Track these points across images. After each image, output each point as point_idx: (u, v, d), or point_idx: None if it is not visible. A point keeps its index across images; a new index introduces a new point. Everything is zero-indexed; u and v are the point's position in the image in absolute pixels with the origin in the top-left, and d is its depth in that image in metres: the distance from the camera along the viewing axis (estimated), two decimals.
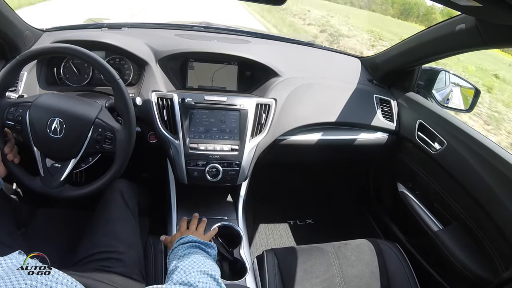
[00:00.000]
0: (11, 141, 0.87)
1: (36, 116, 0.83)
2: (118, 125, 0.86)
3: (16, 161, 0.86)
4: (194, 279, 0.59)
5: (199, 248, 0.75)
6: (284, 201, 1.74)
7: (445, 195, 1.11)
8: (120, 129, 0.85)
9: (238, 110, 1.07)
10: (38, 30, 1.16)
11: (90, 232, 0.87)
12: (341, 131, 1.23)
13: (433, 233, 1.11)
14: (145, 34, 1.21)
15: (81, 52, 0.82)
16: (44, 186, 0.85)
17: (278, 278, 0.93)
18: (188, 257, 0.69)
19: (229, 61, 1.16)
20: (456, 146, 1.04)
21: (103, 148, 0.85)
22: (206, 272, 0.63)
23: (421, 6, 20.94)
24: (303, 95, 1.16)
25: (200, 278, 0.61)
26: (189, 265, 0.65)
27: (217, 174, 1.03)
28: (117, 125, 0.86)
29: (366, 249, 1.03)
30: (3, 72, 0.82)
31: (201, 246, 0.76)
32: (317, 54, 1.44)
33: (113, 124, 0.85)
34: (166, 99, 1.04)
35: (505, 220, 0.90)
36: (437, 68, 1.28)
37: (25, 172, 0.87)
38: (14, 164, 0.86)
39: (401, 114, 1.27)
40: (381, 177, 1.55)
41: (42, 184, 0.85)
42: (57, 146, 0.83)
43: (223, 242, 1.00)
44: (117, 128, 0.85)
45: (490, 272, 0.96)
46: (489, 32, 0.81)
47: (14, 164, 0.86)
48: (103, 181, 0.86)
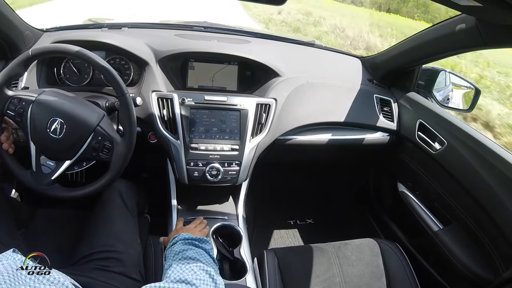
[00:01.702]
0: (8, 130, 0.87)
1: (38, 113, 0.82)
2: (118, 137, 0.86)
3: (10, 151, 0.86)
4: (190, 276, 0.59)
5: (193, 244, 0.75)
6: (284, 201, 1.74)
7: (445, 195, 1.11)
8: (119, 142, 0.85)
9: (238, 110, 1.07)
10: (38, 30, 1.16)
11: (89, 232, 0.87)
12: (341, 131, 1.23)
13: (433, 233, 1.11)
14: (145, 34, 1.21)
15: (91, 58, 0.83)
16: (33, 181, 0.85)
17: (279, 278, 0.93)
18: (183, 254, 0.69)
19: (229, 61, 1.16)
20: (456, 146, 1.04)
21: (99, 156, 0.85)
22: (201, 268, 0.63)
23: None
24: (303, 95, 1.16)
25: (196, 274, 0.61)
26: (185, 262, 0.65)
27: (217, 174, 1.03)
28: (118, 137, 0.85)
29: (366, 249, 1.03)
30: (13, 63, 0.82)
31: (194, 242, 0.75)
32: (317, 54, 1.44)
33: (114, 135, 0.85)
34: (166, 99, 1.04)
35: (505, 220, 0.90)
36: (437, 68, 1.28)
37: (18, 164, 0.87)
38: (8, 153, 0.86)
39: (402, 114, 1.27)
40: (381, 177, 1.55)
41: (31, 178, 0.85)
42: (54, 146, 0.83)
43: (223, 242, 1.00)
44: (117, 141, 0.85)
45: (490, 272, 0.96)
46: (489, 32, 0.81)
47: (8, 154, 0.86)
48: (93, 188, 0.86)
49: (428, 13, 12.78)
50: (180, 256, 0.69)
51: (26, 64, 0.84)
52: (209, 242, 0.78)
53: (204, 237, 0.79)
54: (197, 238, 0.77)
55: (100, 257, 0.79)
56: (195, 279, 0.59)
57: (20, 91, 0.86)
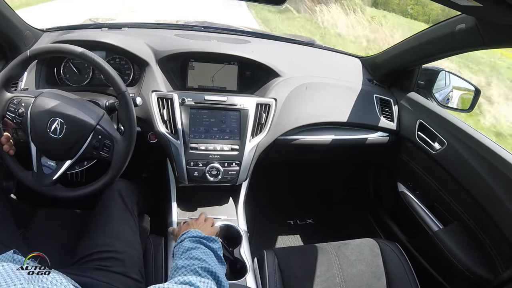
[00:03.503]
0: (9, 131, 0.87)
1: (38, 114, 0.82)
2: (118, 135, 0.86)
3: (11, 152, 0.86)
4: (195, 278, 0.59)
5: (201, 243, 0.73)
6: (284, 201, 1.74)
7: (445, 195, 1.11)
8: (120, 140, 0.85)
9: (238, 110, 1.07)
10: (38, 30, 1.16)
11: (88, 232, 0.87)
12: (341, 131, 1.23)
13: (433, 233, 1.11)
14: (145, 34, 1.21)
15: (91, 58, 0.83)
16: (35, 182, 0.85)
17: (279, 277, 0.93)
18: (190, 253, 0.68)
19: (229, 61, 1.16)
20: (456, 146, 1.04)
21: (100, 155, 0.85)
22: (207, 270, 0.62)
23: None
24: (303, 95, 1.16)
25: (201, 277, 0.60)
26: (191, 263, 0.64)
27: (218, 174, 1.03)
28: (118, 135, 0.86)
29: (366, 249, 1.03)
30: (12, 64, 0.82)
31: (203, 241, 0.74)
32: (317, 54, 1.44)
33: (114, 133, 0.85)
34: (166, 99, 1.04)
35: (505, 220, 0.90)
36: (437, 68, 1.28)
37: (18, 165, 0.87)
38: (9, 155, 0.86)
39: (401, 114, 1.27)
40: (381, 177, 1.55)
41: (33, 179, 0.85)
42: (55, 146, 0.83)
43: (223, 242, 1.00)
44: (117, 139, 0.85)
45: (490, 272, 0.96)
46: (489, 32, 0.80)
47: (9, 155, 0.86)
48: (95, 187, 0.86)
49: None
50: (187, 255, 0.68)
51: (25, 64, 0.84)
52: (217, 240, 0.77)
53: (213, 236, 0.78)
54: (206, 237, 0.76)
55: (100, 257, 0.79)
56: (199, 282, 0.58)
57: (19, 92, 0.86)
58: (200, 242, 0.73)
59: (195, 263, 0.64)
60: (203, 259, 0.66)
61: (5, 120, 0.85)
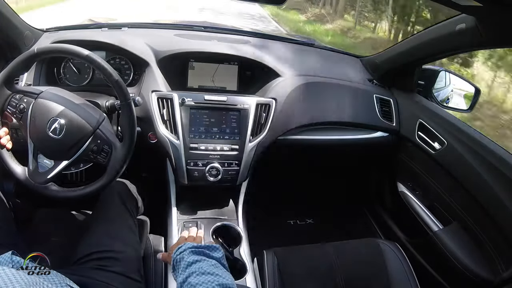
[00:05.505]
0: (8, 126, 0.87)
1: (39, 112, 0.82)
2: (117, 141, 0.85)
3: (8, 146, 0.86)
4: None
5: (203, 254, 0.67)
6: (284, 201, 1.74)
7: (445, 195, 1.11)
8: (118, 147, 0.84)
9: (238, 110, 1.07)
10: (38, 30, 1.16)
11: (88, 232, 0.87)
12: (341, 131, 1.23)
13: (433, 233, 1.11)
14: (145, 34, 1.21)
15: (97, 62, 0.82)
16: (28, 178, 0.85)
17: (278, 278, 0.93)
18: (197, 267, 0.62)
19: (229, 61, 1.16)
20: (456, 146, 1.04)
21: (97, 159, 0.85)
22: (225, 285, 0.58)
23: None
24: (303, 95, 1.16)
25: None
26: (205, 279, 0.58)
27: (217, 174, 1.03)
28: (117, 141, 0.85)
29: (366, 249, 1.03)
30: (16, 60, 0.82)
31: (204, 251, 0.67)
32: (317, 54, 1.44)
33: (113, 139, 0.85)
34: (166, 99, 1.04)
35: (505, 220, 0.90)
36: (437, 68, 1.28)
37: (14, 160, 0.86)
38: (5, 148, 0.86)
39: (401, 113, 1.27)
40: (381, 177, 1.55)
41: (27, 176, 0.85)
42: (53, 146, 0.83)
43: (223, 242, 1.00)
44: (116, 145, 0.84)
45: (490, 272, 0.96)
46: (489, 32, 0.80)
47: (5, 149, 0.86)
48: (88, 190, 0.85)
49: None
50: (193, 268, 0.62)
51: (29, 62, 0.84)
52: (219, 248, 0.70)
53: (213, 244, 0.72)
54: (206, 246, 0.70)
55: (100, 257, 0.79)
56: None
57: (23, 87, 0.86)
58: (202, 253, 0.67)
59: (209, 279, 0.58)
60: (216, 273, 0.60)
61: (5, 114, 0.85)
